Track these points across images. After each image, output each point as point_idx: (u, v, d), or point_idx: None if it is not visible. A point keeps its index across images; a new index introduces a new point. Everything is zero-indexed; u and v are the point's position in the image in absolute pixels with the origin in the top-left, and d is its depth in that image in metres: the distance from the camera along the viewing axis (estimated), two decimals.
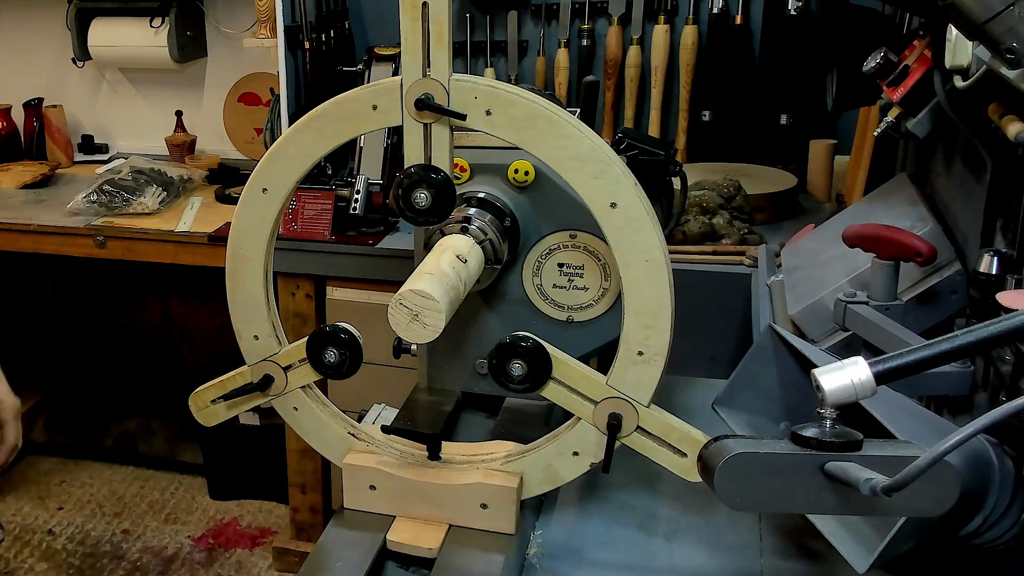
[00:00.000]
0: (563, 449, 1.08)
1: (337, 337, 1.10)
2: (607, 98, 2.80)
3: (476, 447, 1.16)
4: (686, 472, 1.03)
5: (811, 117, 2.64)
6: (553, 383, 1.05)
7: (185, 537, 3.06)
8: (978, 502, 0.88)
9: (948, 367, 1.12)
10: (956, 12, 0.85)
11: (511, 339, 1.04)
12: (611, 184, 0.98)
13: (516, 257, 1.20)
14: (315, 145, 1.05)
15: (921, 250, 1.27)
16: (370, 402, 1.34)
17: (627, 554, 1.09)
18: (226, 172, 3.11)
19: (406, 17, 0.96)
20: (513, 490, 1.08)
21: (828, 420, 0.75)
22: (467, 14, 2.83)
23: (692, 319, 1.38)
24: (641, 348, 1.01)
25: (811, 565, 1.05)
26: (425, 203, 1.00)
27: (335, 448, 1.17)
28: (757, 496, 0.75)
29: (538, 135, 0.98)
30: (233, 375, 1.18)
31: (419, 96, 0.98)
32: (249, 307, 1.13)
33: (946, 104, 1.30)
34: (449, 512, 1.11)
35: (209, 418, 1.21)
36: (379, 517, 1.13)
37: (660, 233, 0.99)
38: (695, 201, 2.22)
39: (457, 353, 1.27)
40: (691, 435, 1.02)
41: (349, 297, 2.51)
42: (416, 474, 1.11)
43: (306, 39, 2.66)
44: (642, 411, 1.03)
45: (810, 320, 1.47)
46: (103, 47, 3.21)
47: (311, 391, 1.17)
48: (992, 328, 0.71)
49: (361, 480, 1.13)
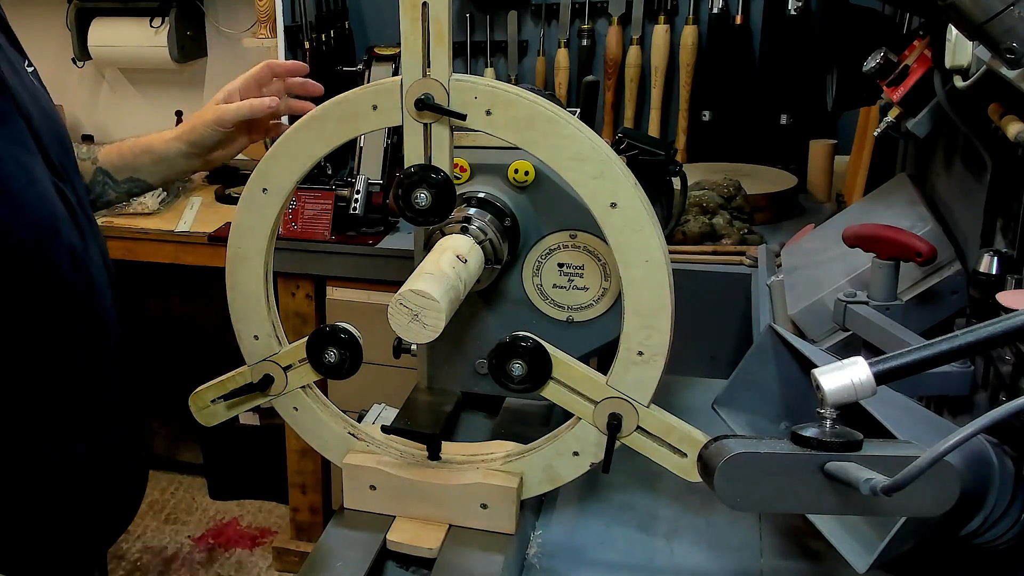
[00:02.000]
0: (563, 449, 1.07)
1: (337, 337, 1.10)
2: (607, 98, 2.80)
3: (476, 447, 1.16)
4: (686, 472, 1.03)
5: (811, 117, 2.64)
6: (553, 383, 1.05)
7: (185, 537, 3.06)
8: (978, 502, 0.88)
9: (948, 367, 1.12)
10: (956, 12, 0.85)
11: (511, 339, 1.04)
12: (611, 184, 0.97)
13: (516, 257, 1.20)
14: (315, 145, 1.05)
15: (921, 250, 1.27)
16: (370, 402, 1.34)
17: (627, 554, 1.09)
18: (226, 172, 3.11)
19: (406, 17, 0.96)
20: (513, 490, 1.07)
21: (828, 420, 0.75)
22: (467, 14, 2.83)
23: (692, 319, 1.38)
24: (641, 348, 1.01)
25: (811, 565, 1.05)
26: (425, 203, 1.00)
27: (335, 448, 1.17)
28: (757, 496, 0.75)
29: (538, 135, 0.98)
30: (233, 375, 1.18)
31: (419, 96, 0.97)
32: (249, 307, 1.13)
33: (946, 104, 1.30)
34: (449, 512, 1.10)
35: (209, 418, 1.21)
36: (379, 517, 1.13)
37: (660, 233, 0.99)
38: (695, 201, 2.22)
39: (457, 353, 1.27)
40: (691, 435, 1.02)
41: (349, 297, 2.51)
42: (416, 474, 1.11)
43: (306, 39, 2.66)
44: (642, 411, 1.03)
45: (810, 320, 1.47)
46: (103, 47, 3.21)
47: (311, 391, 1.17)
48: (992, 328, 0.71)
49: (361, 480, 1.13)
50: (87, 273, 1.11)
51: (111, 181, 1.27)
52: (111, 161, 1.28)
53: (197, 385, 1.21)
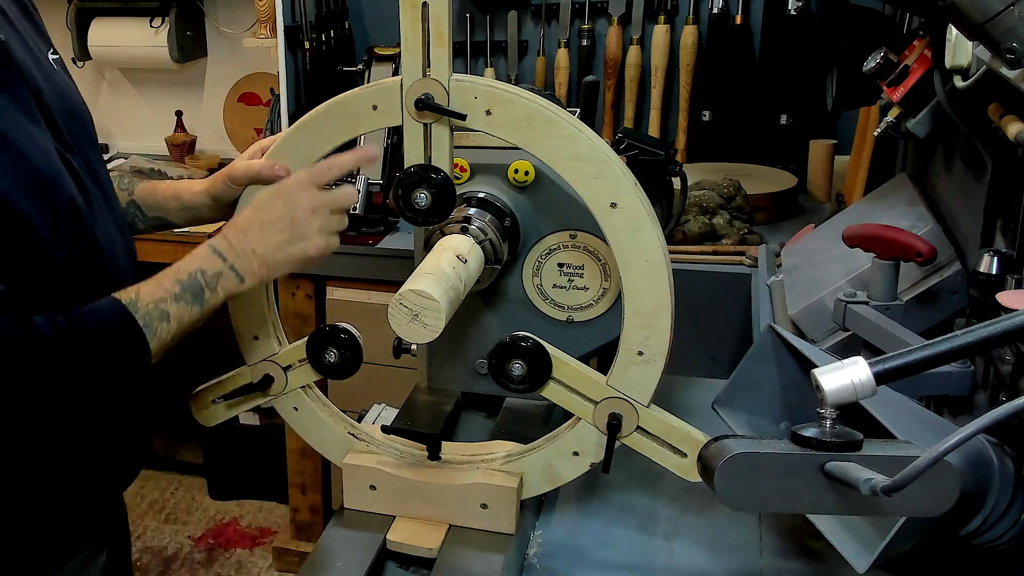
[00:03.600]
0: (563, 449, 1.08)
1: (337, 337, 1.11)
2: (607, 98, 2.80)
3: (476, 447, 1.16)
4: (686, 472, 1.03)
5: (811, 117, 2.64)
6: (553, 383, 1.05)
7: (185, 537, 3.05)
8: (978, 502, 0.88)
9: (948, 367, 1.12)
10: (956, 12, 0.85)
11: (511, 339, 1.04)
12: (611, 184, 0.98)
13: (516, 257, 1.20)
14: (315, 145, 1.05)
15: (921, 250, 1.27)
16: (370, 402, 1.34)
17: (627, 554, 1.09)
18: None
19: (406, 17, 0.96)
20: (513, 490, 1.07)
21: (828, 420, 0.75)
22: (467, 14, 2.83)
23: (692, 319, 1.39)
24: (641, 348, 1.01)
25: (811, 565, 1.05)
26: (425, 203, 1.01)
27: (335, 448, 1.17)
28: (757, 496, 0.75)
29: (538, 135, 0.98)
30: (233, 375, 1.18)
31: (419, 96, 0.98)
32: (249, 308, 1.14)
33: (946, 104, 1.30)
34: (449, 512, 1.11)
35: (209, 418, 1.21)
36: (379, 517, 1.13)
37: (660, 233, 0.99)
38: (695, 201, 2.22)
39: (457, 353, 1.27)
40: (691, 435, 1.02)
41: (349, 297, 2.51)
42: (416, 474, 1.11)
43: (306, 39, 2.66)
44: (642, 411, 1.03)
45: (810, 320, 1.47)
46: (103, 47, 3.21)
47: (311, 391, 1.17)
48: (992, 328, 0.71)
49: (361, 480, 1.13)
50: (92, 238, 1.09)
51: (140, 214, 1.31)
52: (144, 197, 1.31)
53: (197, 385, 1.21)
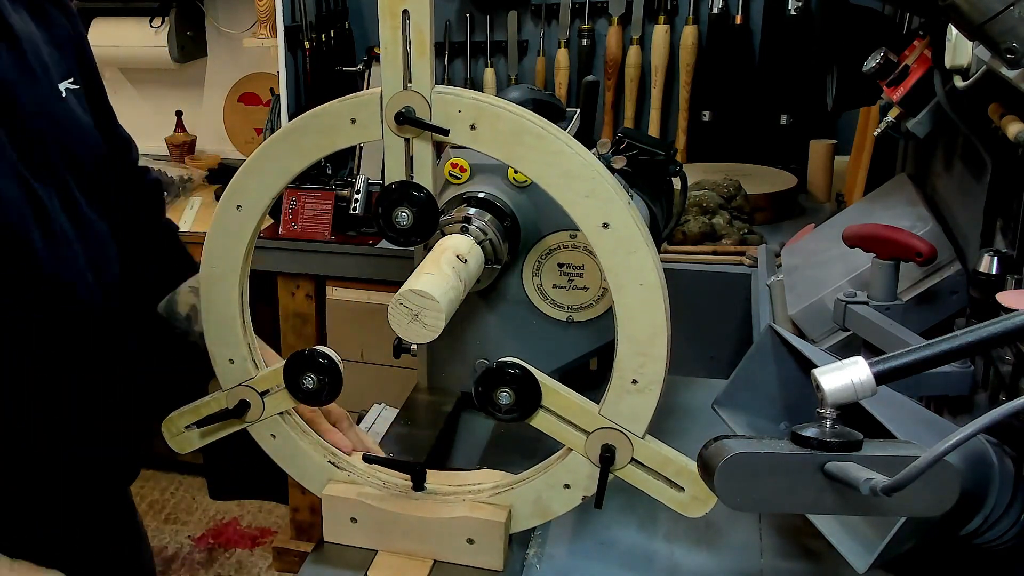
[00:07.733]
0: (553, 481, 1.02)
1: (315, 362, 1.04)
2: (607, 98, 2.80)
3: (463, 477, 1.10)
4: (683, 507, 0.98)
5: (811, 117, 2.64)
6: (543, 412, 0.99)
7: (185, 537, 3.06)
8: (978, 502, 0.88)
9: (948, 367, 1.12)
10: (956, 12, 0.85)
11: (498, 365, 0.98)
12: (603, 204, 0.91)
13: (516, 257, 1.19)
14: (291, 160, 0.98)
15: (921, 250, 1.27)
16: (370, 402, 1.34)
17: (627, 553, 1.09)
18: (226, 172, 3.11)
19: (385, 26, 0.90)
20: (501, 524, 1.02)
21: (828, 420, 0.75)
22: (467, 14, 2.83)
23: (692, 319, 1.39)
24: (635, 376, 0.95)
25: (811, 565, 1.05)
26: (407, 222, 0.94)
27: (314, 478, 1.12)
28: (757, 496, 0.75)
29: (526, 151, 0.92)
30: (208, 400, 1.13)
31: (399, 110, 0.91)
32: (224, 329, 1.07)
33: (946, 104, 1.30)
34: (434, 547, 1.04)
35: (183, 445, 1.16)
36: (360, 551, 1.07)
37: (655, 255, 0.94)
38: (695, 201, 2.22)
39: (457, 353, 1.27)
40: (688, 468, 0.97)
41: (349, 297, 2.51)
42: (399, 506, 1.05)
43: (306, 39, 2.66)
44: (637, 442, 0.97)
45: (810, 320, 1.47)
46: (103, 47, 3.20)
47: (289, 418, 1.12)
48: (992, 328, 0.71)
49: (341, 512, 1.08)
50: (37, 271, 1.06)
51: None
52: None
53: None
